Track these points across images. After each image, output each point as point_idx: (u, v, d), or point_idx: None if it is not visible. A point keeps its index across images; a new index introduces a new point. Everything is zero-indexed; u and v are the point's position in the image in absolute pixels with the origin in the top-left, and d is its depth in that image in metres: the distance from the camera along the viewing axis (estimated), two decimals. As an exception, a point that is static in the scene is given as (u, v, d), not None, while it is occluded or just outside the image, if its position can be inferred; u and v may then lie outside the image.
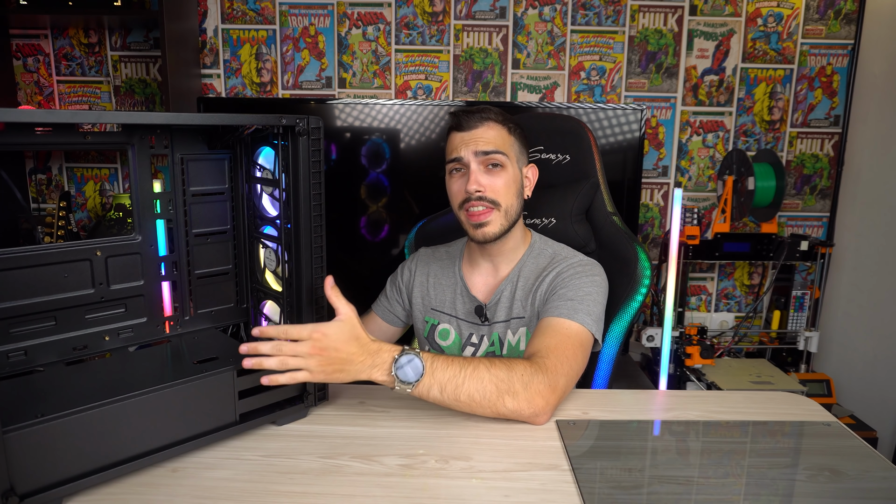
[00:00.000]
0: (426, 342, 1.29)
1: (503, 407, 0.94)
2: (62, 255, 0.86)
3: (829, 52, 2.27)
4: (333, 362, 0.87)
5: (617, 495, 0.79)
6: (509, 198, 1.15)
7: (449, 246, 1.35)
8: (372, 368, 0.89)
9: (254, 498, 0.76)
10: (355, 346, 0.88)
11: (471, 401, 0.92)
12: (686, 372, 2.10)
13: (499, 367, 0.94)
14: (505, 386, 0.93)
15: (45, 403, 0.74)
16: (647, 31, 2.25)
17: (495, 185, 1.14)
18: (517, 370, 0.95)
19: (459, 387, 0.92)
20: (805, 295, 2.23)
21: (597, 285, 1.14)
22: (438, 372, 0.91)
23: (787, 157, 2.34)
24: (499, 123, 1.16)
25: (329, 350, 0.86)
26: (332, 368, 0.87)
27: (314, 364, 0.86)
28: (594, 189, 1.36)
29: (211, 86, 2.29)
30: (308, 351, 0.85)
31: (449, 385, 0.91)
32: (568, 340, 1.04)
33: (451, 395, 0.92)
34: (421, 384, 0.90)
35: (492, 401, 0.93)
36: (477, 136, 1.14)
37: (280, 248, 0.95)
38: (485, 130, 1.14)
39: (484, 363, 0.94)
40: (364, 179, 2.11)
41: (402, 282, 1.34)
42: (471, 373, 0.92)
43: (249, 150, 0.99)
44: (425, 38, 2.26)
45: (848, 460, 0.88)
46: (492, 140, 1.14)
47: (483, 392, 0.92)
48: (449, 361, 0.93)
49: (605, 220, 1.35)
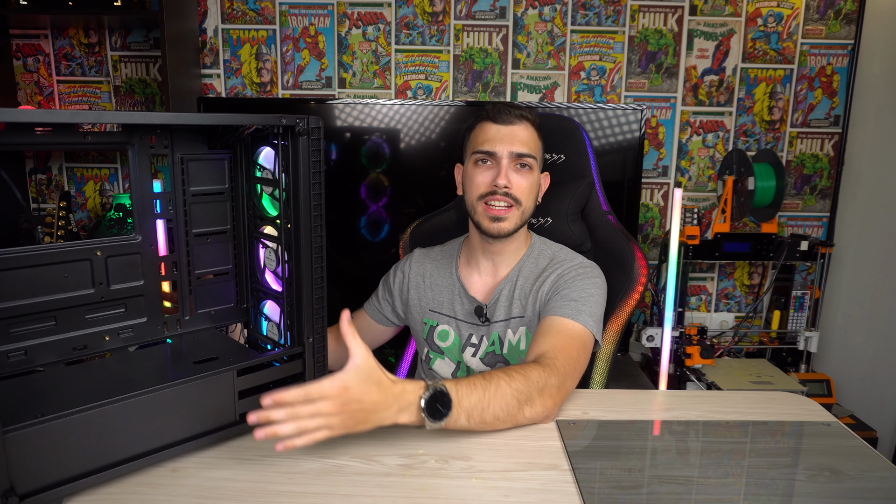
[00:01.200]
0: (425, 344, 1.29)
1: (523, 418, 0.93)
2: (62, 255, 0.86)
3: (829, 52, 2.27)
4: (357, 414, 0.80)
5: (617, 495, 0.79)
6: (530, 200, 1.17)
7: (444, 247, 1.34)
8: (399, 413, 0.83)
9: (254, 498, 0.76)
10: (378, 394, 0.81)
11: (495, 420, 0.90)
12: (686, 372, 2.10)
13: (517, 379, 0.92)
14: (524, 396, 0.92)
15: (45, 403, 0.74)
16: (647, 31, 2.25)
17: (522, 185, 1.15)
18: (533, 377, 0.94)
19: (485, 409, 0.89)
20: (805, 295, 2.23)
21: (598, 287, 1.15)
22: (464, 400, 0.87)
23: (787, 157, 2.34)
24: (532, 125, 1.17)
25: (352, 403, 0.79)
26: (354, 421, 0.80)
27: (337, 421, 0.79)
28: (589, 188, 1.37)
29: (211, 86, 2.29)
30: (330, 410, 0.77)
31: (475, 411, 0.88)
32: (573, 341, 1.05)
33: (478, 419, 0.89)
34: (450, 417, 0.85)
35: (513, 414, 0.92)
36: (514, 134, 1.14)
37: (280, 248, 0.95)
38: (521, 129, 1.15)
39: (504, 378, 0.91)
40: (364, 179, 2.11)
41: (393, 284, 1.33)
42: (493, 392, 0.90)
43: (249, 150, 0.99)
44: (425, 38, 2.26)
45: (848, 460, 0.88)
46: (526, 141, 1.15)
47: (507, 408, 0.91)
48: (472, 386, 0.89)
49: (600, 220, 1.36)
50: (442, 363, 1.26)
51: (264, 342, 1.03)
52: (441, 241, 1.37)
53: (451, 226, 1.46)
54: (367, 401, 0.80)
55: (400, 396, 0.83)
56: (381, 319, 1.35)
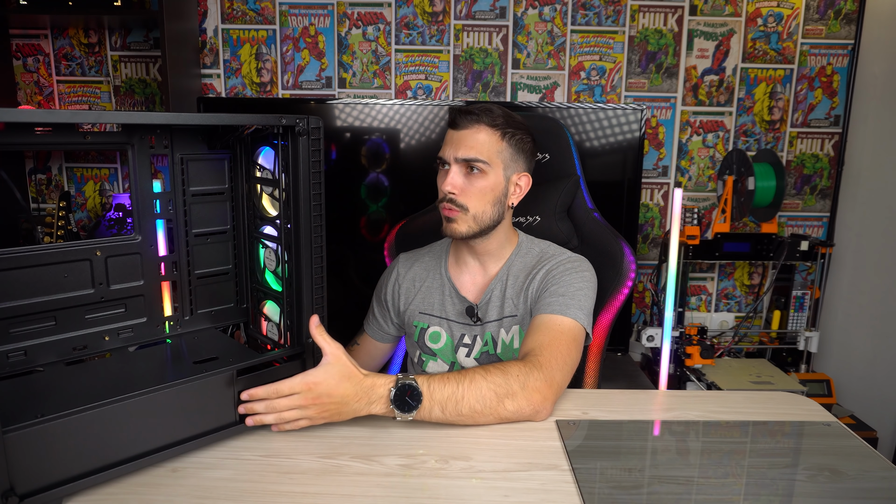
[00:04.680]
0: (417, 346, 1.28)
1: (504, 411, 0.94)
2: (62, 255, 0.86)
3: (829, 52, 2.27)
4: (329, 406, 0.88)
5: (617, 495, 0.79)
6: (481, 204, 1.15)
7: (430, 248, 1.34)
8: (369, 405, 0.90)
9: (254, 498, 0.76)
10: (348, 387, 0.89)
11: (472, 412, 0.92)
12: (686, 372, 2.10)
13: (494, 373, 0.95)
14: (503, 390, 0.94)
15: (45, 403, 0.74)
16: (647, 31, 2.25)
17: (468, 190, 1.14)
18: (512, 372, 0.96)
19: (460, 401, 0.92)
20: (805, 295, 2.23)
21: (586, 280, 1.16)
22: (437, 392, 0.92)
23: (787, 157, 2.34)
24: (491, 128, 1.14)
25: (322, 397, 0.88)
26: (329, 413, 0.89)
27: (312, 412, 0.89)
28: (575, 187, 1.39)
29: (211, 86, 2.29)
30: (301, 403, 0.87)
31: (449, 402, 0.92)
32: (561, 336, 1.06)
33: (453, 411, 0.92)
34: (422, 409, 0.91)
35: (493, 407, 0.93)
36: (463, 139, 1.14)
37: (280, 248, 0.95)
38: (473, 133, 1.14)
39: (479, 372, 0.95)
40: (364, 179, 2.11)
41: (385, 296, 1.32)
42: (468, 385, 0.93)
43: (249, 150, 0.99)
44: (425, 38, 2.26)
45: (848, 460, 0.87)
46: (475, 146, 1.13)
47: (483, 401, 0.93)
48: (445, 379, 0.93)
49: (586, 217, 1.38)
50: (435, 365, 1.25)
51: (264, 342, 1.03)
52: (427, 242, 1.36)
53: (437, 226, 1.46)
54: (336, 394, 0.88)
55: (370, 390, 0.90)
56: (384, 337, 1.34)
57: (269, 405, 0.87)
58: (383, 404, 0.90)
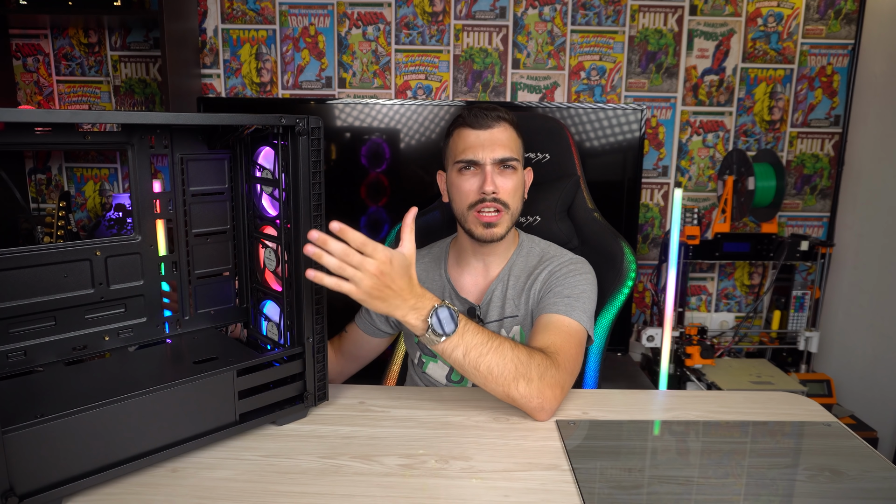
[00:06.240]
0: (417, 348, 1.27)
1: (515, 390, 0.94)
2: (62, 255, 0.86)
3: (830, 52, 2.27)
4: (383, 289, 0.87)
5: (617, 495, 0.79)
6: (517, 200, 1.17)
7: (429, 249, 1.33)
8: (411, 310, 0.91)
9: (254, 498, 0.76)
10: (406, 283, 0.90)
11: (489, 373, 0.93)
12: (686, 372, 2.10)
13: (521, 350, 0.96)
14: (524, 369, 0.94)
15: (44, 403, 0.74)
16: (647, 31, 2.25)
17: (507, 188, 1.15)
18: (536, 358, 0.96)
19: (483, 356, 0.93)
20: (805, 295, 2.23)
21: (589, 283, 1.16)
22: (468, 335, 0.93)
23: (788, 157, 2.34)
24: (511, 125, 1.17)
25: (386, 276, 0.87)
26: (377, 294, 0.88)
27: (367, 284, 0.86)
28: (575, 187, 1.39)
29: (211, 86, 2.29)
30: (371, 270, 0.85)
31: (473, 351, 0.93)
32: (570, 339, 1.06)
33: (473, 362, 0.93)
34: (449, 340, 0.92)
35: (507, 379, 0.94)
36: (494, 139, 1.14)
37: (280, 248, 0.95)
38: (501, 132, 1.15)
39: (509, 343, 0.96)
40: (364, 179, 2.11)
41: None
42: (496, 346, 0.94)
43: (249, 150, 0.99)
44: (425, 38, 2.26)
45: (848, 460, 0.87)
46: (506, 144, 1.15)
47: (502, 368, 0.93)
48: (480, 329, 0.95)
49: (586, 217, 1.38)
50: (435, 366, 1.25)
51: (264, 342, 1.03)
52: (427, 242, 1.36)
53: (437, 226, 1.46)
54: (397, 282, 0.88)
55: (421, 296, 0.92)
56: (374, 332, 1.31)
57: (344, 251, 0.84)
58: (421, 317, 0.91)
